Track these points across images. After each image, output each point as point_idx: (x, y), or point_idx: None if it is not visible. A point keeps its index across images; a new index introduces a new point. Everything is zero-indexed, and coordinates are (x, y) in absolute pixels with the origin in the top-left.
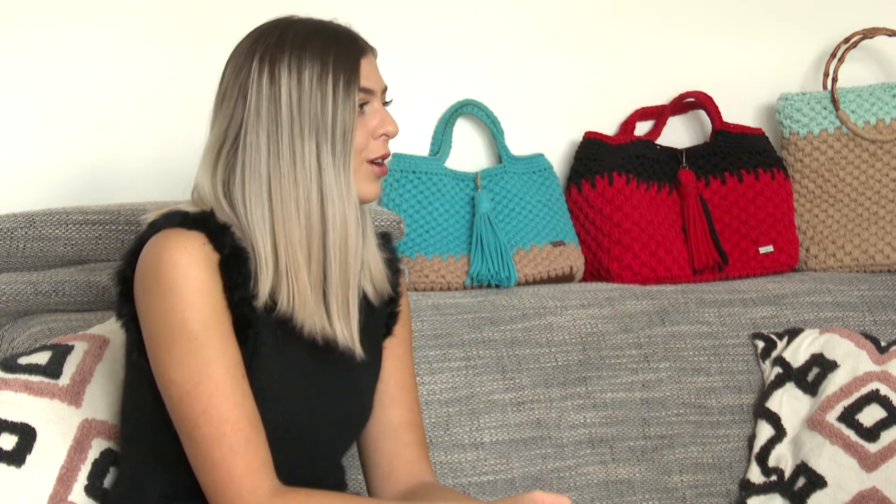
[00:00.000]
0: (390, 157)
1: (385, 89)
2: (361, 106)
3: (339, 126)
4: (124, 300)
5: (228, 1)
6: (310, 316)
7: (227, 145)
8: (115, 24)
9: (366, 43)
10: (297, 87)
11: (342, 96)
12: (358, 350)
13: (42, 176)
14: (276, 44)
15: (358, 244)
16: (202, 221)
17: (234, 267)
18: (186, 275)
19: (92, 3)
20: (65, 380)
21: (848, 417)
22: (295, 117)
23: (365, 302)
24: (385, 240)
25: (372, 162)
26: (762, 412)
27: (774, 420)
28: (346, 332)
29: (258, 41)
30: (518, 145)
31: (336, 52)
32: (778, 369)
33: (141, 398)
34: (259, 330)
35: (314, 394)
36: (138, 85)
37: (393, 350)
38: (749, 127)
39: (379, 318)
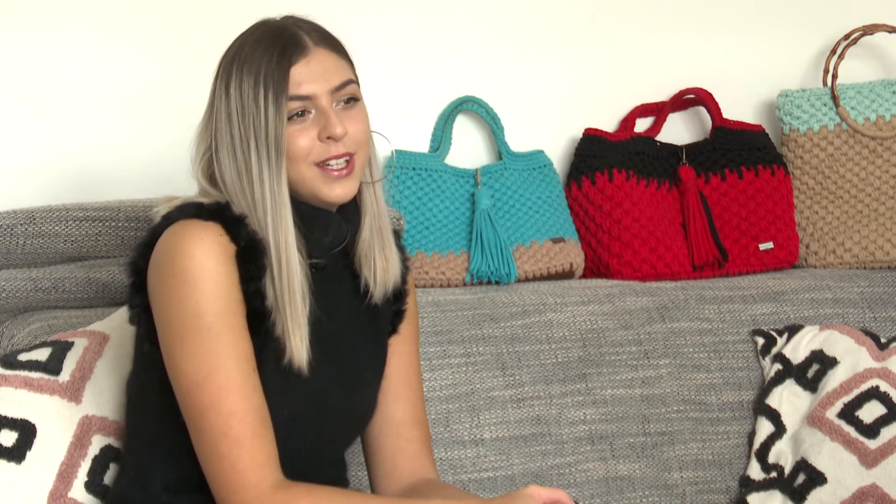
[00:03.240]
0: (361, 156)
1: (337, 88)
2: (301, 113)
3: (272, 136)
4: (136, 291)
5: (226, 1)
6: (280, 326)
7: (204, 155)
8: (114, 23)
9: (313, 42)
10: (240, 101)
11: (272, 107)
12: (297, 363)
13: (42, 173)
14: (231, 58)
15: (292, 251)
16: (217, 212)
17: (251, 258)
18: (202, 266)
19: (91, 2)
20: (65, 376)
21: (848, 414)
22: (241, 130)
23: (369, 300)
24: (395, 236)
25: (322, 165)
26: (762, 409)
27: (774, 417)
28: (295, 344)
29: (225, 55)
30: (518, 142)
31: (267, 62)
32: (778, 366)
33: (149, 389)
34: (270, 325)
35: (319, 388)
36: (138, 83)
37: (398, 347)
38: (749, 123)
39: (384, 315)
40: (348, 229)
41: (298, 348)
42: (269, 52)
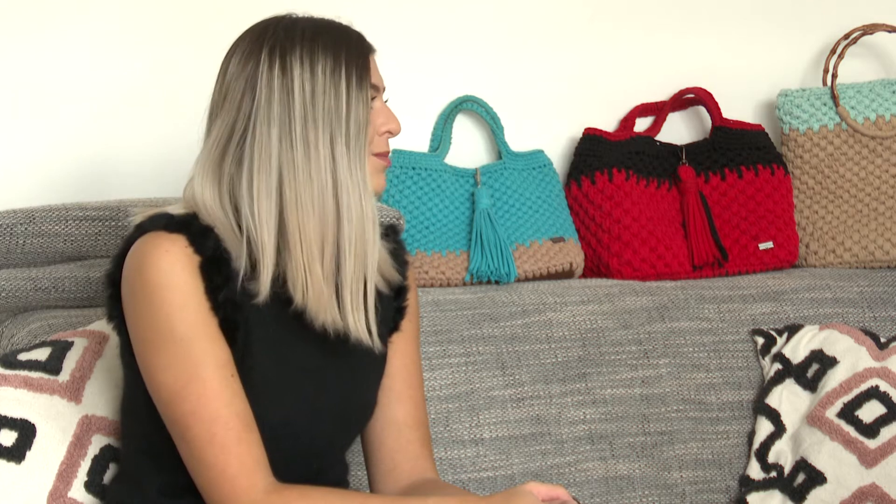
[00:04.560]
0: (390, 153)
1: (384, 87)
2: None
3: (353, 120)
4: (114, 303)
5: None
6: (324, 309)
7: (235, 139)
8: (114, 22)
9: (369, 42)
10: (311, 80)
11: (355, 91)
12: (375, 343)
13: (42, 172)
14: (285, 37)
15: (375, 237)
16: (185, 224)
17: (216, 268)
18: (169, 278)
19: (91, 1)
20: (64, 376)
21: (847, 413)
22: (308, 109)
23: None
24: (392, 231)
25: (376, 155)
26: (762, 408)
27: (774, 416)
28: (360, 324)
29: (264, 34)
30: (518, 141)
31: (347, 47)
32: (777, 365)
33: (136, 398)
34: (250, 329)
35: (311, 391)
36: (137, 81)
37: (400, 346)
38: (749, 123)
39: (386, 312)
40: None
41: (371, 324)
42: (345, 38)
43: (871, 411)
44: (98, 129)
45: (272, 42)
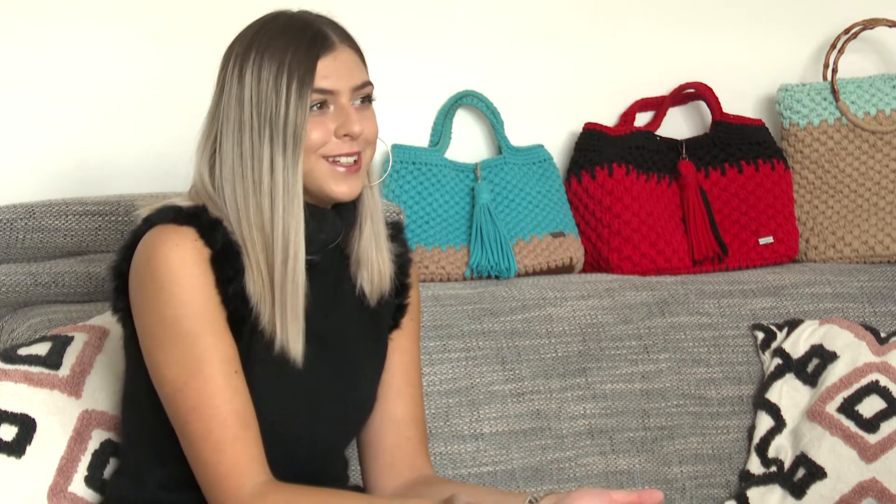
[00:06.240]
0: (368, 155)
1: (358, 87)
2: (320, 106)
3: (290, 126)
4: (120, 295)
5: None
6: (268, 317)
7: (210, 145)
8: (115, 17)
9: (338, 40)
10: (257, 87)
11: (294, 96)
12: (293, 355)
13: (42, 167)
14: (248, 44)
15: (301, 242)
16: (194, 216)
17: (226, 261)
18: (178, 271)
19: None
20: (65, 371)
21: (848, 408)
22: (254, 117)
23: (362, 297)
24: (396, 230)
25: (331, 160)
26: (762, 403)
27: (774, 411)
28: (291, 334)
29: (238, 41)
30: (518, 136)
31: (294, 51)
32: (778, 360)
33: (138, 390)
34: (254, 324)
35: (311, 388)
36: (138, 77)
37: (400, 343)
38: (749, 118)
39: (386, 309)
40: (342, 227)
41: (295, 341)
42: (295, 42)
43: (871, 406)
44: (98, 124)
45: (238, 50)
